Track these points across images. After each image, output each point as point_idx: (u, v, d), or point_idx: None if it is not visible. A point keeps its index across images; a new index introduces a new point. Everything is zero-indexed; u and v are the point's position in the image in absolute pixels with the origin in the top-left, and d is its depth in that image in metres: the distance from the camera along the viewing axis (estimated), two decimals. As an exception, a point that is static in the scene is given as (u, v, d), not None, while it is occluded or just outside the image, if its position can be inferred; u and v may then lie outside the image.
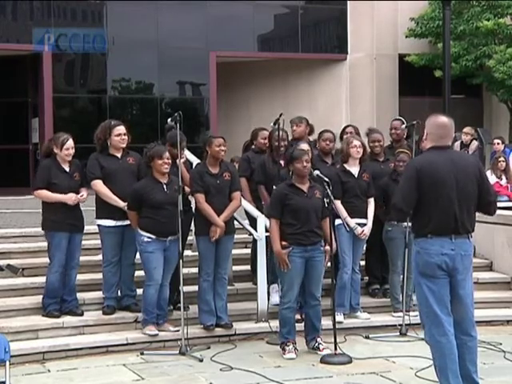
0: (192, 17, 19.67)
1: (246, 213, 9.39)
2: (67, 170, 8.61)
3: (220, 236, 8.34)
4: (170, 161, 8.30)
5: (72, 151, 8.58)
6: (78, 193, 8.57)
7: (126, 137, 8.79)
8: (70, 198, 8.49)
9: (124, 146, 8.79)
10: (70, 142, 8.58)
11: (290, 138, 9.56)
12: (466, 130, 15.19)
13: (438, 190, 6.02)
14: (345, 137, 9.80)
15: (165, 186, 8.33)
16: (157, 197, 8.25)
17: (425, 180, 6.03)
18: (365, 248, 9.64)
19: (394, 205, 6.18)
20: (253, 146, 9.88)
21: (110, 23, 19.23)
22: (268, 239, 8.46)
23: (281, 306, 8.15)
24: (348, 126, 10.38)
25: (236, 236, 8.87)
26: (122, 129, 8.80)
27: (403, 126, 10.12)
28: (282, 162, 8.91)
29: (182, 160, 8.66)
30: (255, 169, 9.41)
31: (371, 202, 9.26)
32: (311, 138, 10.03)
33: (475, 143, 15.24)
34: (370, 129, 10.20)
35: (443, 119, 6.19)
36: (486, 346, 8.15)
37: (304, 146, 8.59)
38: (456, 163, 6.11)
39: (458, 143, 14.85)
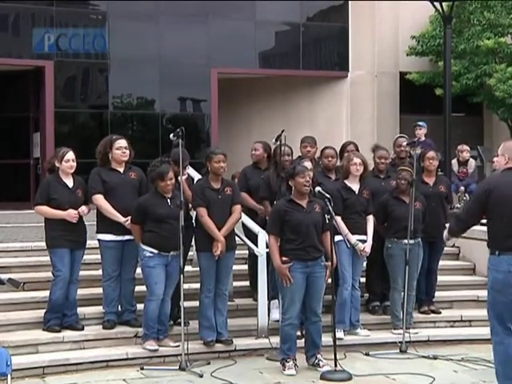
0: (194, 33, 19.70)
1: (243, 225, 9.29)
2: (69, 185, 8.59)
3: (222, 251, 8.35)
4: (173, 181, 8.30)
5: (73, 164, 8.56)
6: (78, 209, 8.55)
7: (128, 151, 8.79)
8: (68, 214, 8.46)
9: (125, 159, 8.79)
10: (70, 154, 8.56)
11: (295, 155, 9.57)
12: (464, 147, 15.07)
13: (502, 208, 6.28)
14: (345, 154, 9.79)
15: (169, 201, 8.35)
16: (160, 210, 8.26)
17: (491, 198, 6.32)
18: (365, 265, 9.66)
19: (458, 216, 6.59)
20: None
21: (111, 39, 19.27)
22: (269, 255, 8.46)
23: (282, 323, 8.13)
24: (348, 144, 10.32)
25: (236, 252, 8.83)
26: (122, 142, 8.80)
27: (405, 143, 10.15)
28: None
29: (184, 177, 8.66)
30: (260, 185, 9.34)
31: (370, 219, 9.28)
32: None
33: (473, 162, 15.18)
34: (376, 145, 10.15)
35: None
36: (486, 364, 8.15)
37: (307, 164, 8.59)
38: None
39: (454, 161, 14.84)
